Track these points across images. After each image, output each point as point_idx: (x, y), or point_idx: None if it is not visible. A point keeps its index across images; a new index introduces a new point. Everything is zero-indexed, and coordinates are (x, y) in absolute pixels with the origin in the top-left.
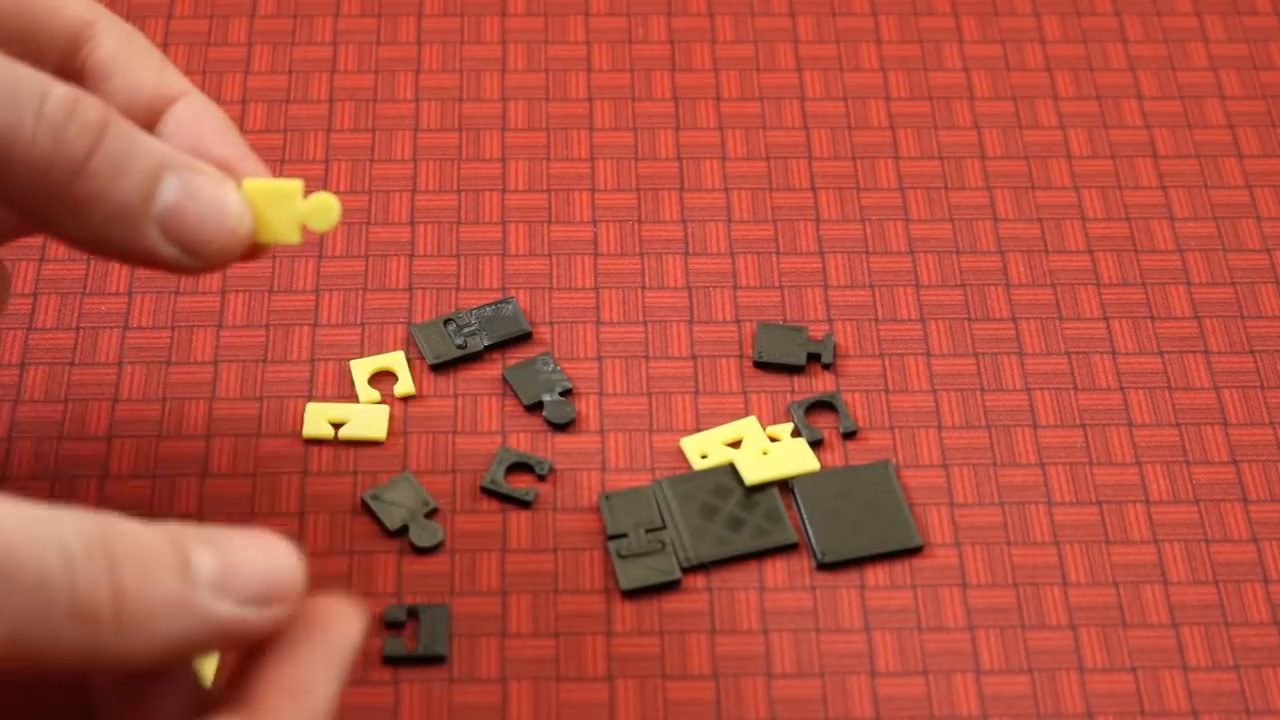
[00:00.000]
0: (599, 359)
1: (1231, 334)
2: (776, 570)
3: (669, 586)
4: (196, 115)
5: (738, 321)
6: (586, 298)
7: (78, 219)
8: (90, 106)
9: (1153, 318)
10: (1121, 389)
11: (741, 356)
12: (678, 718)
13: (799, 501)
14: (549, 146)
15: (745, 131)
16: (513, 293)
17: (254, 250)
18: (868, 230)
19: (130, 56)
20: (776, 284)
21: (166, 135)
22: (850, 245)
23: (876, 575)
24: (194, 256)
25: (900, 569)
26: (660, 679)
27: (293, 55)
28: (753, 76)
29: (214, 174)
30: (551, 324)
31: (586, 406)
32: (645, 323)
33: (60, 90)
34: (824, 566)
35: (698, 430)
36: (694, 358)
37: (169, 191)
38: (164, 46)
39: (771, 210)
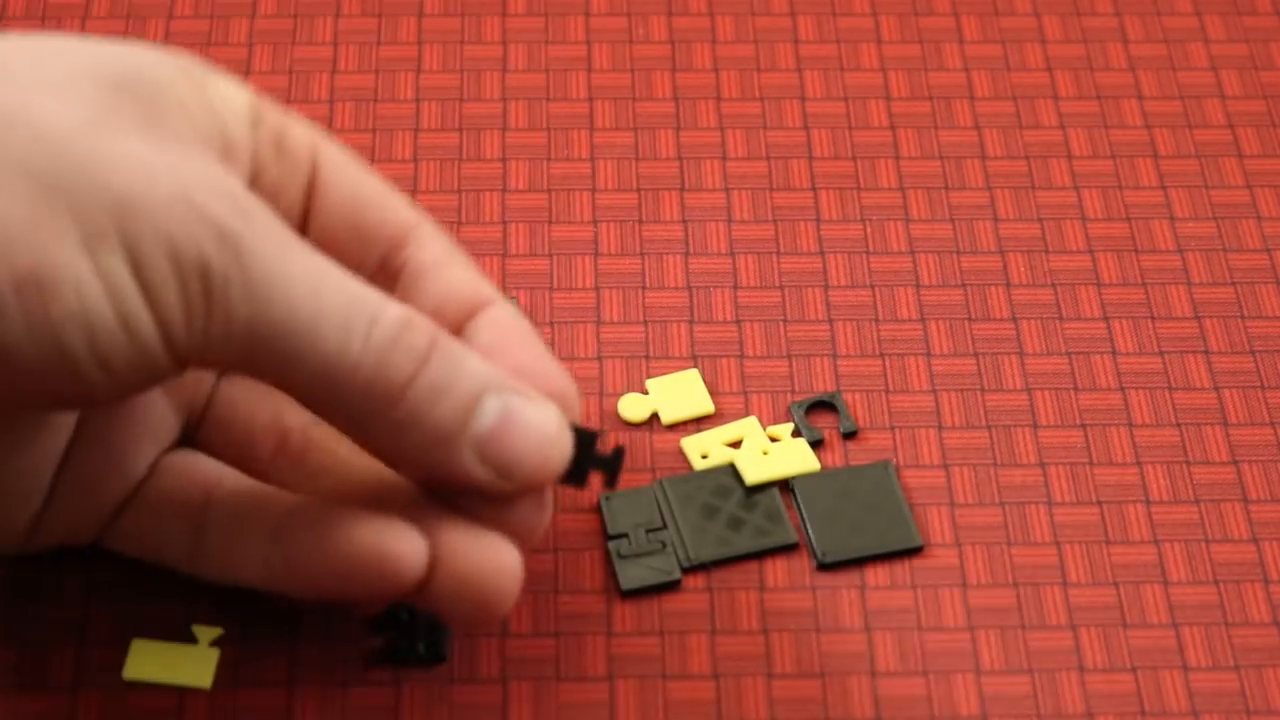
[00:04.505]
0: (599, 359)
1: (1231, 334)
2: (776, 570)
3: (669, 586)
4: (503, 322)
5: (738, 321)
6: (586, 298)
7: (393, 440)
8: (418, 332)
9: (1153, 318)
10: (1122, 389)
11: (742, 356)
12: (678, 718)
13: (799, 501)
14: (549, 146)
15: (745, 131)
16: (513, 293)
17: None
18: (868, 230)
19: (450, 262)
20: (776, 284)
21: (471, 338)
22: (850, 245)
23: (876, 575)
24: (508, 479)
25: (900, 569)
26: (660, 679)
27: (293, 55)
28: (753, 76)
29: (536, 397)
30: (552, 324)
31: (586, 406)
32: (645, 323)
33: (392, 313)
34: (824, 567)
35: (698, 430)
36: (694, 357)
37: (488, 414)
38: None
39: (771, 210)
